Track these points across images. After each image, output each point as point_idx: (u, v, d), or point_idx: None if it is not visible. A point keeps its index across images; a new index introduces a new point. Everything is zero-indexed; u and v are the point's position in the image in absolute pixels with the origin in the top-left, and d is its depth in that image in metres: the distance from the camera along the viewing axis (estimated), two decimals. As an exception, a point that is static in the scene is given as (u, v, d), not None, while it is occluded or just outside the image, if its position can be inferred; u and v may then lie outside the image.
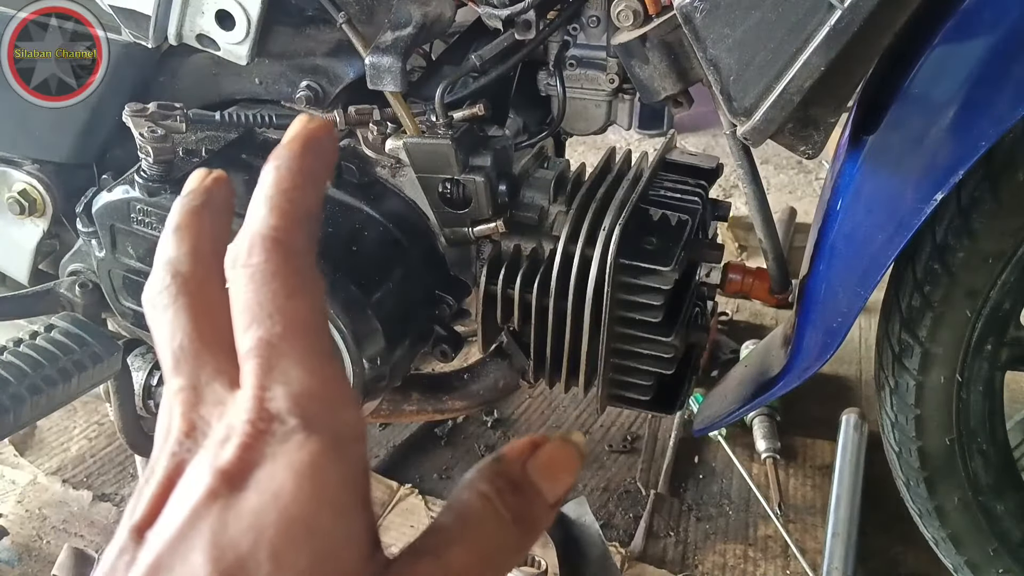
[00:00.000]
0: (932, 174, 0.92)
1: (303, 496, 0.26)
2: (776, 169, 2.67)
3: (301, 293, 0.29)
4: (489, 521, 0.29)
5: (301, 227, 0.31)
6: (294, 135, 0.33)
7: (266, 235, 0.30)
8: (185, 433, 0.29)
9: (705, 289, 1.28)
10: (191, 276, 0.32)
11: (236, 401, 0.29)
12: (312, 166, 0.32)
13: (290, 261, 0.30)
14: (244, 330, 0.29)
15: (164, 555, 0.26)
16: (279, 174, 0.31)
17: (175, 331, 0.31)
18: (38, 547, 1.43)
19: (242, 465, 0.27)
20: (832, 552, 1.35)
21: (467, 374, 1.23)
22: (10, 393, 1.07)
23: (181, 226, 0.33)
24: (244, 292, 0.29)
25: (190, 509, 0.26)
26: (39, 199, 1.25)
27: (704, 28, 0.87)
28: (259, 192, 0.31)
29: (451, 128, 1.07)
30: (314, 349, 0.29)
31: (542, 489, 0.30)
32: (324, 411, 0.28)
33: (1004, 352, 1.06)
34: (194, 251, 0.32)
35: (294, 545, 0.26)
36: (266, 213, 0.30)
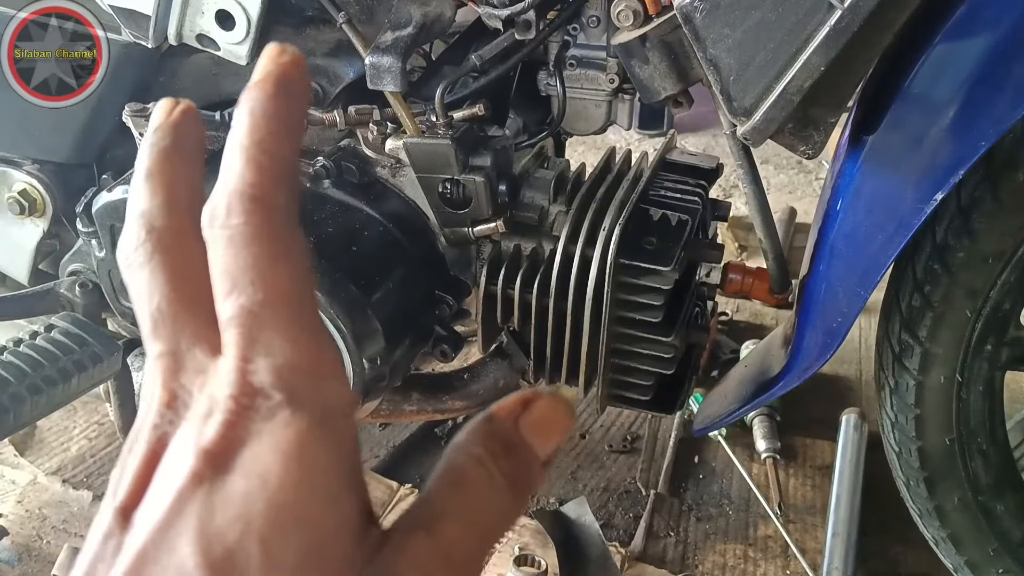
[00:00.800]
0: (932, 174, 0.92)
1: (291, 481, 0.25)
2: (776, 169, 2.67)
3: (284, 258, 0.28)
4: (483, 487, 0.28)
5: (281, 182, 0.28)
6: (266, 73, 0.29)
7: (244, 192, 0.28)
8: (166, 404, 0.28)
9: (705, 289, 1.28)
10: (166, 230, 0.30)
11: (218, 371, 0.27)
12: (288, 109, 0.29)
13: (271, 222, 0.28)
14: (224, 297, 0.27)
15: (150, 544, 0.25)
16: (253, 120, 0.29)
17: (152, 292, 0.29)
18: (38, 547, 1.43)
19: (226, 444, 0.26)
20: (832, 552, 1.35)
21: (467, 374, 1.23)
22: (10, 393, 1.07)
23: (152, 172, 0.31)
24: (223, 256, 0.27)
25: (175, 493, 0.26)
26: (39, 199, 1.25)
27: (704, 28, 0.87)
28: (233, 142, 0.29)
29: (451, 128, 1.07)
30: (298, 318, 0.27)
31: (535, 447, 0.29)
32: (310, 384, 0.27)
33: (1004, 352, 1.06)
34: (168, 202, 0.30)
35: (284, 536, 0.25)
36: (242, 167, 0.28)
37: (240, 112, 0.29)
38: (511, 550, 1.36)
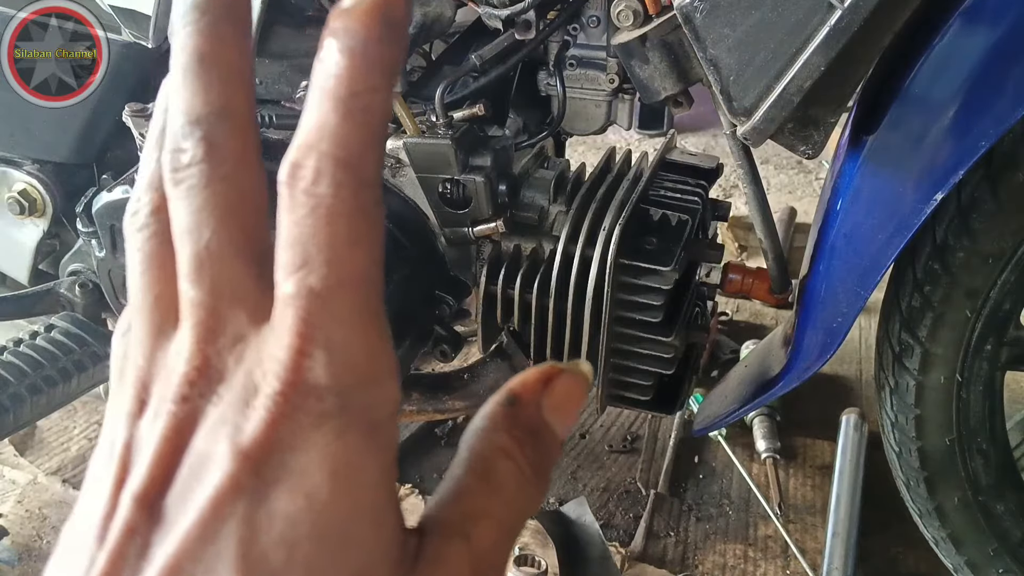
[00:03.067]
0: (932, 174, 0.92)
1: (340, 503, 0.23)
2: (776, 169, 2.67)
3: (366, 240, 0.24)
4: (512, 481, 0.27)
5: (377, 149, 0.24)
6: (371, 3, 0.24)
7: (338, 157, 0.24)
8: (199, 369, 0.25)
9: (705, 289, 1.28)
10: (230, 153, 0.25)
11: (265, 348, 0.24)
12: (393, 56, 0.24)
13: (361, 196, 0.24)
14: (291, 270, 0.24)
15: (184, 558, 0.23)
16: (354, 65, 0.24)
17: (203, 225, 0.25)
18: (38, 547, 1.43)
19: (268, 447, 0.23)
20: (832, 552, 1.35)
21: (467, 374, 1.23)
22: (10, 393, 1.07)
23: (206, 58, 0.25)
24: (300, 224, 0.24)
25: (212, 499, 0.23)
26: (39, 199, 1.25)
27: (704, 28, 0.87)
28: (325, 87, 0.24)
29: (451, 128, 1.07)
30: (366, 309, 0.24)
31: (555, 428, 0.28)
32: (365, 389, 0.24)
33: (1004, 352, 1.06)
34: (231, 109, 0.25)
35: (331, 562, 0.23)
36: (338, 123, 0.24)
37: (335, 49, 0.24)
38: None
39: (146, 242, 0.27)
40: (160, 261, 0.27)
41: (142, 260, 0.27)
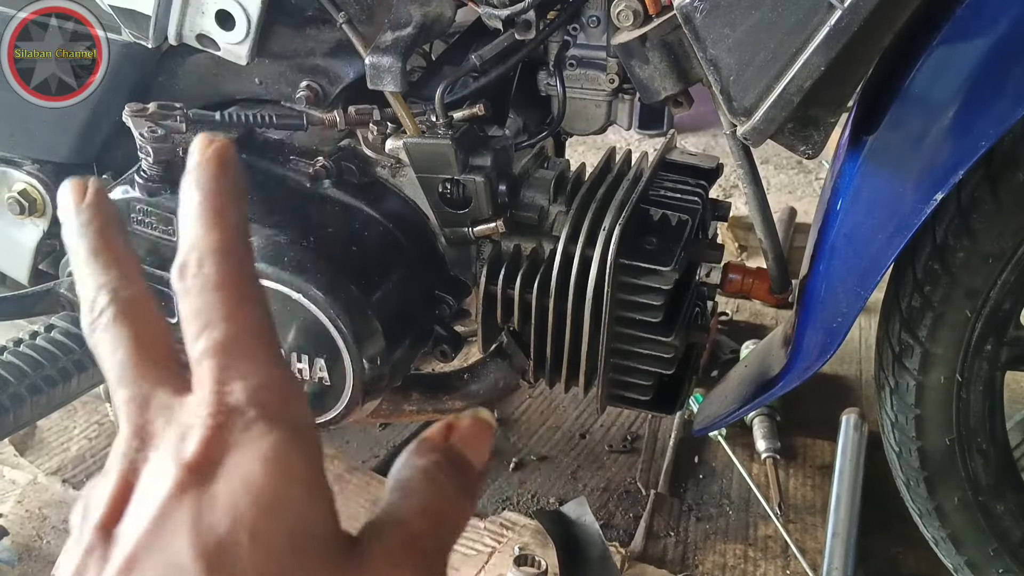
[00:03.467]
0: (932, 174, 0.92)
1: (273, 478, 0.27)
2: (776, 169, 2.67)
3: (252, 299, 0.31)
4: (434, 489, 0.31)
5: (243, 238, 0.32)
6: (205, 157, 0.33)
7: (212, 247, 0.31)
8: (133, 434, 0.30)
9: (705, 289, 1.28)
10: (128, 298, 0.33)
11: (188, 402, 0.29)
12: (233, 183, 0.33)
13: (239, 269, 0.31)
14: (197, 336, 0.30)
15: (140, 547, 0.27)
16: (204, 192, 0.32)
17: (116, 347, 0.32)
18: (38, 547, 1.43)
19: (207, 457, 0.27)
20: (832, 552, 1.35)
21: (467, 374, 1.23)
22: (10, 393, 1.07)
23: (98, 250, 0.34)
24: (196, 301, 0.30)
25: (161, 502, 0.27)
26: (39, 199, 1.25)
27: (704, 28, 0.87)
28: (190, 213, 0.32)
29: (451, 128, 1.07)
30: (267, 349, 0.30)
31: (470, 457, 0.32)
32: (281, 404, 0.29)
33: (1004, 352, 1.06)
34: (123, 273, 0.33)
35: (271, 522, 0.27)
36: (205, 229, 0.31)
37: (190, 188, 0.32)
38: (511, 550, 1.36)
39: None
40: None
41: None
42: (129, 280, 0.33)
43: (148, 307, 0.33)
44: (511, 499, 1.52)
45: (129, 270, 0.34)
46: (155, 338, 0.32)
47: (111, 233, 0.34)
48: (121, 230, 0.35)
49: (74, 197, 0.35)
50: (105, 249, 0.34)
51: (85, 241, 0.34)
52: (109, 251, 0.34)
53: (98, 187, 0.35)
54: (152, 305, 0.33)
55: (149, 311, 0.33)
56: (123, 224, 0.36)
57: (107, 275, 0.33)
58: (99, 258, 0.34)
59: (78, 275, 0.34)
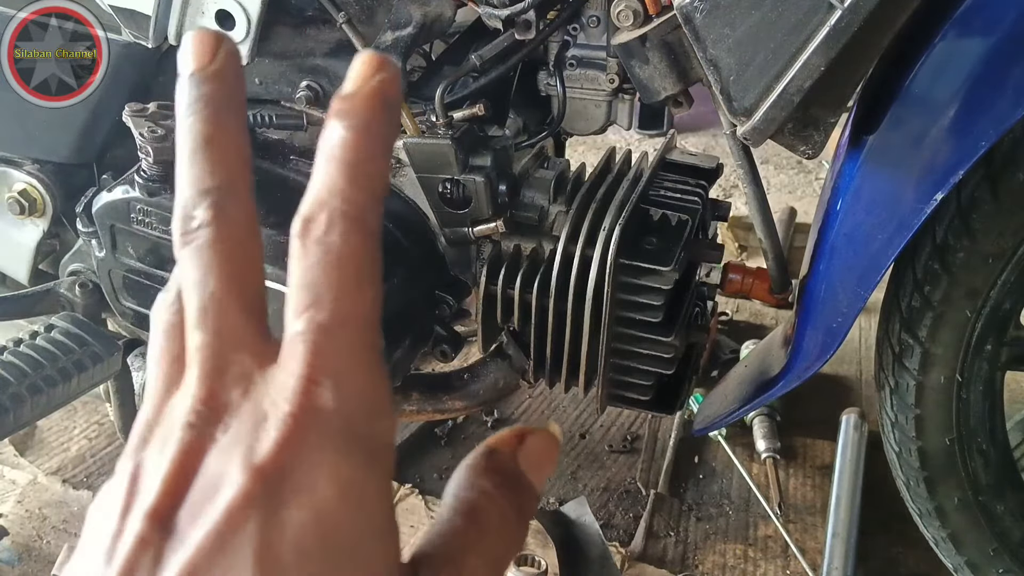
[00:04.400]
0: (932, 174, 0.92)
1: (347, 518, 0.25)
2: (776, 169, 2.67)
3: (370, 284, 0.27)
4: (496, 519, 0.29)
5: (379, 205, 0.28)
6: (369, 88, 0.28)
7: (345, 211, 0.27)
8: (204, 401, 0.26)
9: (705, 289, 1.28)
10: (235, 220, 0.28)
11: (273, 382, 0.26)
12: (388, 130, 0.28)
13: (366, 244, 0.27)
14: (301, 310, 0.26)
15: (202, 562, 0.24)
16: (357, 137, 0.27)
17: (208, 277, 0.27)
18: (38, 547, 1.43)
19: (280, 464, 0.25)
20: (832, 552, 1.35)
21: (467, 374, 1.23)
22: (10, 393, 1.07)
23: (212, 140, 0.28)
24: (311, 270, 0.26)
25: (226, 510, 0.24)
26: (39, 199, 1.25)
27: (704, 28, 0.87)
28: (332, 154, 0.27)
29: (451, 128, 1.07)
30: (370, 346, 0.27)
31: (532, 480, 0.30)
32: (368, 417, 0.26)
33: (1004, 352, 1.06)
34: (235, 184, 0.28)
35: (338, 565, 0.25)
36: (345, 184, 0.27)
37: (340, 124, 0.27)
38: (511, 550, 1.35)
39: (170, 317, 0.29)
40: (179, 332, 0.29)
41: (162, 331, 0.29)
42: (239, 192, 0.28)
43: (253, 235, 0.29)
44: (511, 499, 1.52)
45: (241, 176, 0.28)
46: (253, 283, 0.28)
47: (231, 119, 0.29)
48: (242, 117, 0.29)
49: (199, 55, 0.29)
50: (220, 140, 0.28)
51: (198, 122, 0.28)
52: (224, 144, 0.28)
53: (231, 49, 0.29)
54: (258, 234, 0.29)
55: (254, 244, 0.29)
56: (243, 107, 0.30)
57: (215, 178, 0.28)
58: (210, 151, 0.28)
59: (180, 163, 0.28)
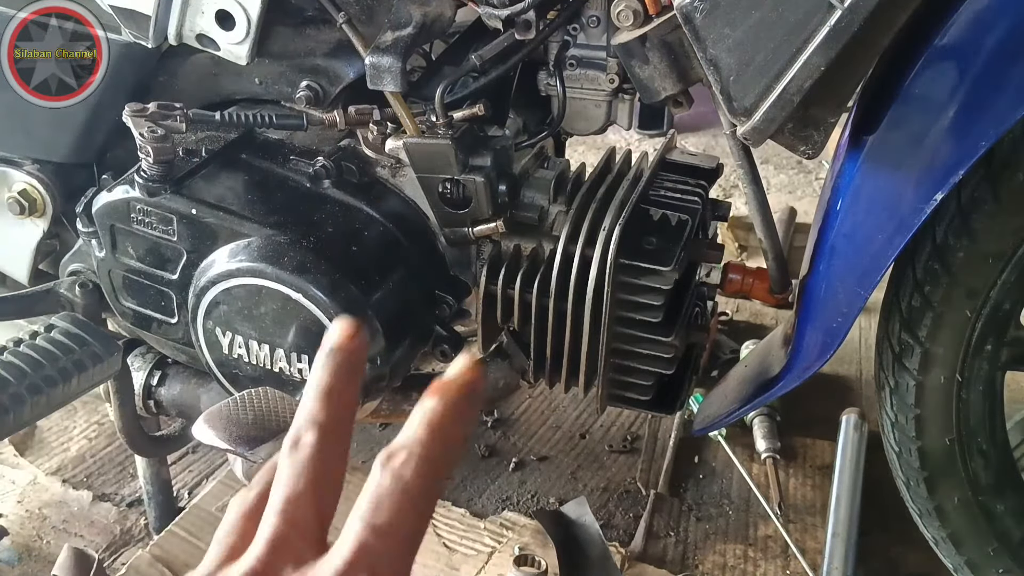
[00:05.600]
0: (932, 174, 0.92)
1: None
2: (776, 169, 2.67)
3: (424, 514, 0.34)
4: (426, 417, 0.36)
5: (449, 466, 0.36)
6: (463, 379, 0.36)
7: (422, 455, 0.34)
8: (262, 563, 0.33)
9: (705, 289, 1.28)
10: (332, 447, 0.36)
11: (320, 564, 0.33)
12: (470, 415, 0.36)
13: (430, 485, 0.34)
14: (364, 513, 0.33)
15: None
16: (444, 408, 0.35)
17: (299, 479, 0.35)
18: (38, 547, 1.43)
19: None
20: (832, 552, 1.35)
21: (467, 374, 1.22)
22: (10, 393, 1.07)
23: (334, 391, 0.37)
24: (380, 487, 0.34)
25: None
26: (39, 199, 1.25)
27: (704, 28, 0.87)
28: (423, 418, 0.35)
29: (451, 128, 1.07)
30: (407, 560, 0.33)
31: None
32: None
33: (1004, 352, 1.06)
34: (340, 426, 0.37)
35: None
36: (427, 438, 0.35)
37: (433, 397, 0.36)
38: (511, 550, 1.36)
39: (248, 505, 0.37)
40: (251, 516, 0.36)
41: (239, 513, 0.37)
42: (341, 431, 0.37)
43: (342, 465, 0.37)
44: (511, 499, 1.52)
45: (346, 420, 0.37)
46: (332, 495, 0.36)
47: (351, 383, 0.38)
48: (359, 381, 0.39)
49: (343, 334, 0.38)
50: (340, 394, 0.37)
51: (328, 377, 0.37)
52: (342, 398, 0.37)
53: (364, 337, 0.39)
54: (344, 465, 0.37)
55: (341, 469, 0.37)
56: (361, 375, 0.39)
57: (327, 416, 0.37)
58: (330, 399, 0.37)
59: (304, 400, 0.37)
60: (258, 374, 1.11)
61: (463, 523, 1.43)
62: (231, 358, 1.11)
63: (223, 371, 1.13)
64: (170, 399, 1.27)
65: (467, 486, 1.55)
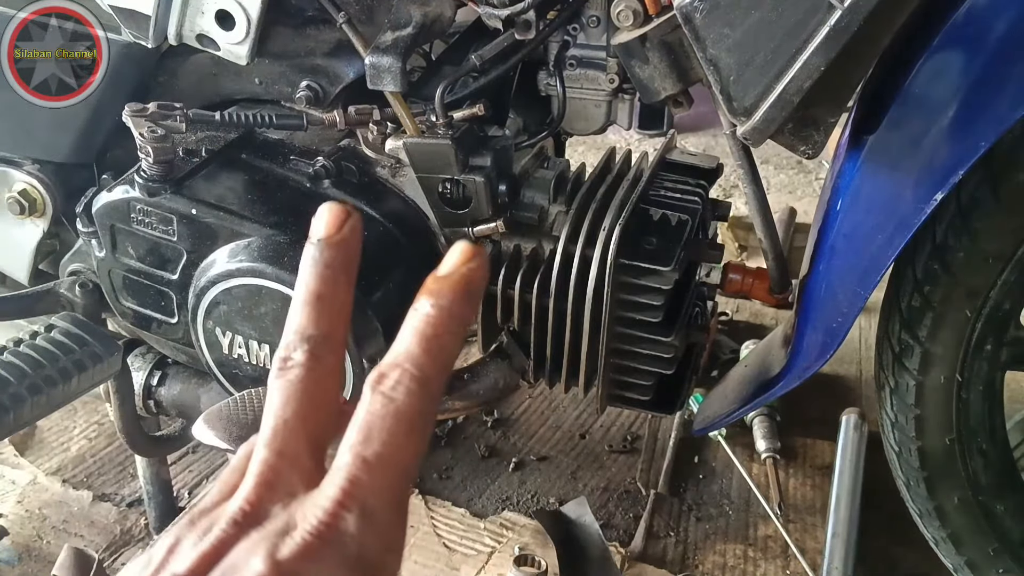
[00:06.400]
0: (932, 174, 0.92)
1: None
2: (776, 169, 2.67)
3: (418, 439, 0.31)
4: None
5: (446, 375, 0.33)
6: (460, 276, 0.34)
7: (414, 375, 0.32)
8: (251, 505, 0.31)
9: (705, 289, 1.28)
10: (324, 363, 0.33)
11: (309, 500, 0.31)
12: (466, 312, 0.33)
13: (426, 406, 0.32)
14: (354, 443, 0.31)
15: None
16: (439, 315, 0.33)
17: (287, 403, 0.33)
18: (38, 547, 1.43)
19: (296, 566, 0.29)
20: (832, 552, 1.35)
21: (467, 374, 1.23)
22: (10, 393, 1.07)
23: (323, 296, 0.34)
24: (372, 415, 0.31)
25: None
26: (39, 199, 1.25)
27: (704, 28, 0.87)
28: (416, 327, 0.33)
29: (451, 128, 1.07)
30: (401, 492, 0.31)
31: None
32: (382, 551, 0.30)
33: (1004, 352, 1.06)
34: (332, 336, 0.34)
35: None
36: (420, 352, 0.32)
37: (427, 302, 0.33)
38: (511, 550, 1.36)
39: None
40: None
41: (243, 455, 0.34)
42: (333, 343, 0.34)
43: (336, 382, 0.34)
44: (511, 499, 1.52)
45: (339, 330, 0.34)
46: (325, 418, 0.33)
47: (343, 281, 0.35)
48: (353, 278, 0.35)
49: (330, 224, 0.35)
50: (328, 298, 0.34)
51: (315, 278, 0.34)
52: (332, 301, 0.34)
53: (356, 224, 0.35)
54: (339, 379, 0.34)
55: (335, 387, 0.34)
56: (356, 269, 0.36)
57: (317, 327, 0.34)
58: (318, 305, 0.34)
59: (293, 307, 0.34)
60: (258, 374, 1.11)
61: (463, 523, 1.43)
62: (231, 358, 1.11)
63: (223, 371, 1.13)
64: (170, 399, 1.27)
65: (467, 486, 1.55)
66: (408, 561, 1.37)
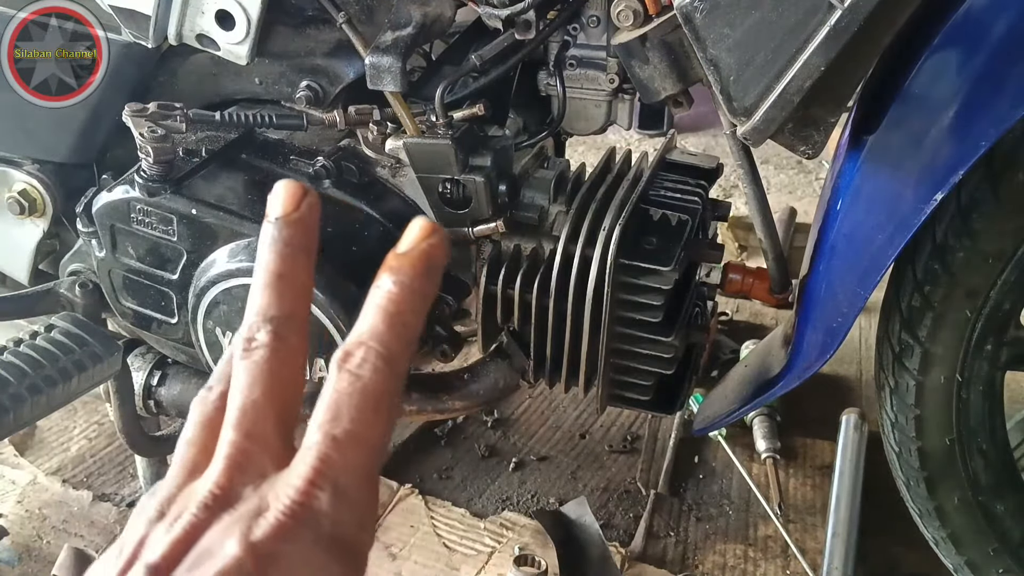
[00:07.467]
0: (932, 174, 0.92)
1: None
2: (776, 169, 2.67)
3: (386, 416, 0.31)
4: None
5: (411, 352, 0.33)
6: (419, 251, 0.33)
7: (380, 352, 0.32)
8: (221, 488, 0.31)
9: (705, 289, 1.28)
10: (287, 344, 0.33)
11: (280, 480, 0.30)
12: (429, 288, 0.33)
13: (391, 383, 0.32)
14: (322, 423, 0.31)
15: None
16: (401, 292, 0.33)
17: (254, 384, 0.32)
18: (38, 547, 1.43)
19: (270, 546, 0.29)
20: (832, 552, 1.35)
21: (467, 374, 1.23)
22: (10, 393, 1.07)
23: (283, 276, 0.34)
24: (339, 393, 0.31)
25: (219, 571, 0.28)
26: (39, 199, 1.25)
27: (704, 28, 0.87)
28: (379, 304, 0.33)
29: (451, 128, 1.07)
30: (371, 469, 0.31)
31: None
32: (355, 528, 0.30)
33: (1004, 352, 1.06)
34: (294, 315, 0.34)
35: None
36: (384, 329, 0.32)
37: (388, 279, 0.33)
38: (511, 550, 1.36)
39: (208, 410, 0.34)
40: (212, 426, 0.33)
41: (198, 422, 0.34)
42: (296, 323, 0.34)
43: (301, 361, 0.34)
44: (511, 499, 1.52)
45: (301, 310, 0.34)
46: (291, 398, 0.33)
47: (303, 260, 0.34)
48: (313, 256, 0.35)
49: (287, 203, 0.34)
50: (289, 277, 0.34)
51: (275, 258, 0.34)
52: (293, 281, 0.34)
53: (314, 202, 0.35)
54: (305, 360, 0.34)
55: (300, 366, 0.34)
56: (316, 248, 0.35)
57: (279, 308, 0.33)
58: (280, 285, 0.34)
59: (254, 288, 0.34)
60: (258, 374, 1.10)
61: (463, 523, 1.43)
62: (231, 358, 1.11)
63: (223, 371, 1.13)
64: (170, 399, 1.27)
65: (467, 486, 1.55)
66: (408, 561, 1.37)
